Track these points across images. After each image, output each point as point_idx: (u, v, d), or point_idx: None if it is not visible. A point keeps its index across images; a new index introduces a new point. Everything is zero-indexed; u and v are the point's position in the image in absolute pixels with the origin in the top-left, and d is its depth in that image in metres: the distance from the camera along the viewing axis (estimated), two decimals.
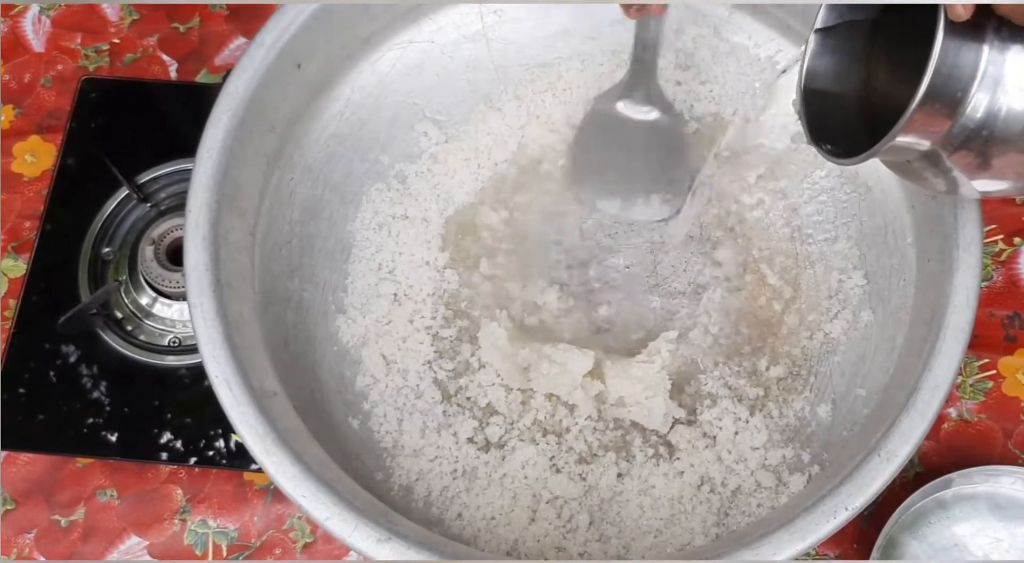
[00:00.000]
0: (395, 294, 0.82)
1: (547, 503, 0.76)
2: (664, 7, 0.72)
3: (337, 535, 0.61)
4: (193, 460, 0.84)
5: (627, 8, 0.71)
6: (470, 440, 0.78)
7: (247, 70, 0.72)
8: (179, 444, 0.85)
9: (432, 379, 0.80)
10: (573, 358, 0.77)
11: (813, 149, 0.69)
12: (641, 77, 0.81)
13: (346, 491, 0.63)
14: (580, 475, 0.77)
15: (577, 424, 0.79)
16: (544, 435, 0.78)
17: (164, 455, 0.84)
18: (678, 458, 0.77)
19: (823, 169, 0.83)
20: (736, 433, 0.78)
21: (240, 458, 0.84)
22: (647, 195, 0.84)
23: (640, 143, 0.83)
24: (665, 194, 0.84)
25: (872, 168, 0.79)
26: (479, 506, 0.76)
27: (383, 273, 0.83)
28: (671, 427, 0.78)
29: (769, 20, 0.83)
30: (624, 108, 0.83)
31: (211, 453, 0.84)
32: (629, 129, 0.83)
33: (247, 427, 0.63)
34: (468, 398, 0.80)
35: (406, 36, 0.83)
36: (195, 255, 0.67)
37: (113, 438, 0.85)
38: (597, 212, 0.85)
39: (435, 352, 0.81)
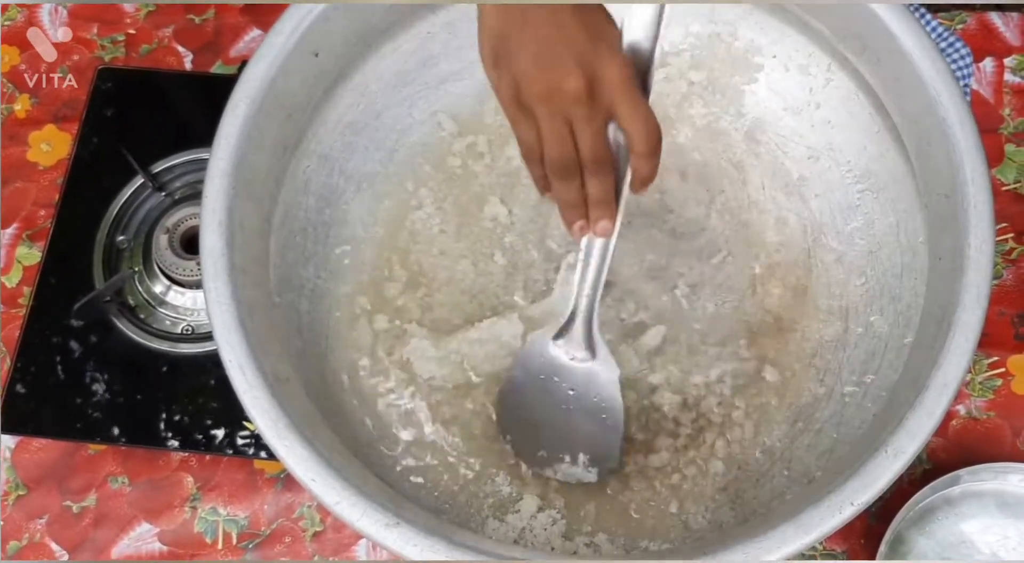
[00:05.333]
0: (409, 283, 0.83)
1: (555, 492, 0.76)
2: (612, 230, 0.63)
3: (345, 519, 0.61)
4: (204, 448, 0.85)
5: (570, 219, 0.63)
6: (481, 429, 0.79)
7: (265, 58, 0.72)
8: (191, 432, 0.85)
9: (444, 368, 0.81)
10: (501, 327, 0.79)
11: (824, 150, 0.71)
12: (580, 316, 0.72)
13: (356, 476, 0.63)
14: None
15: None
16: None
17: (175, 442, 0.85)
18: (688, 450, 0.78)
19: (836, 168, 0.83)
20: (744, 427, 0.78)
21: (251, 446, 0.84)
22: (573, 454, 0.76)
23: (571, 393, 0.75)
24: (592, 455, 0.76)
25: (886, 167, 0.79)
26: (487, 493, 0.76)
27: (396, 262, 0.84)
28: (677, 423, 0.79)
29: (787, 17, 0.83)
30: (556, 350, 0.75)
31: (222, 441, 0.85)
32: (561, 375, 0.75)
33: (259, 411, 0.63)
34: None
35: (424, 27, 0.83)
36: (211, 240, 0.67)
37: (125, 425, 0.86)
38: (518, 464, 0.78)
39: (447, 340, 0.82)
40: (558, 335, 0.74)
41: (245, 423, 0.85)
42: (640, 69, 0.59)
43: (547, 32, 0.55)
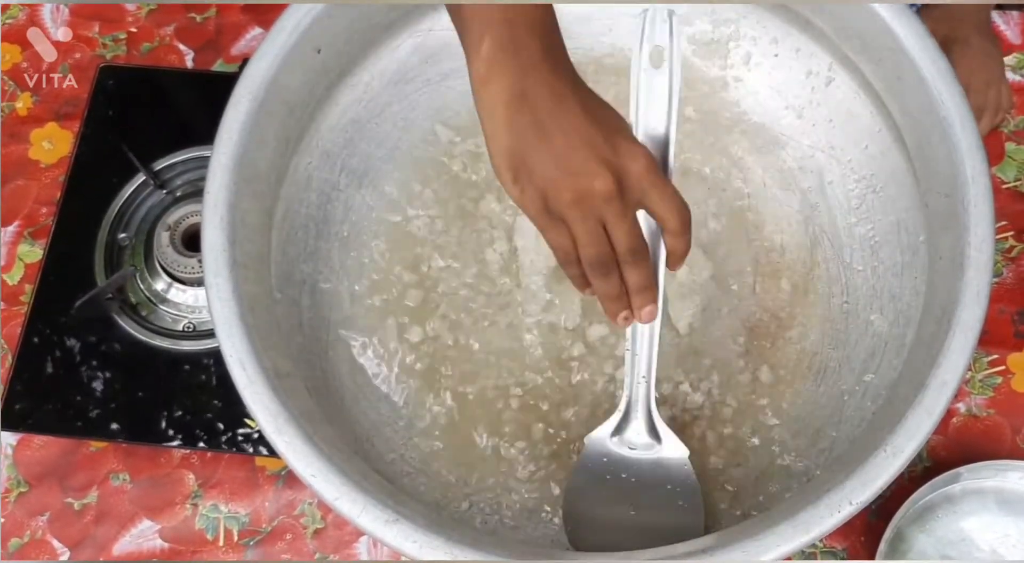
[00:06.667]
0: (409, 279, 0.83)
1: (555, 487, 0.76)
2: (657, 313, 0.62)
3: (345, 515, 0.61)
4: (205, 445, 0.85)
5: (613, 312, 0.62)
6: (482, 426, 0.79)
7: (267, 54, 0.72)
8: (192, 429, 0.85)
9: (444, 365, 0.81)
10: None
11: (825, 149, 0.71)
12: (639, 406, 0.72)
13: (356, 472, 0.63)
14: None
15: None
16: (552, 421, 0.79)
17: (176, 440, 0.85)
18: (691, 452, 0.78)
19: (837, 167, 0.83)
20: (744, 426, 0.78)
21: (253, 443, 0.85)
22: (656, 544, 0.67)
23: (641, 483, 0.73)
24: (676, 539, 0.68)
25: (887, 166, 0.79)
26: (491, 490, 0.76)
27: (397, 258, 0.84)
28: (678, 420, 0.79)
29: (789, 16, 0.83)
30: (618, 447, 0.73)
31: (224, 438, 0.85)
32: (628, 469, 0.73)
33: (260, 406, 0.63)
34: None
35: (426, 24, 0.83)
36: (213, 235, 0.67)
37: (127, 422, 0.86)
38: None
39: (451, 337, 0.82)
40: (616, 431, 0.73)
41: (246, 420, 0.85)
42: (659, 151, 0.60)
43: (563, 140, 0.55)
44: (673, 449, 0.72)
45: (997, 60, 0.95)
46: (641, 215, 0.59)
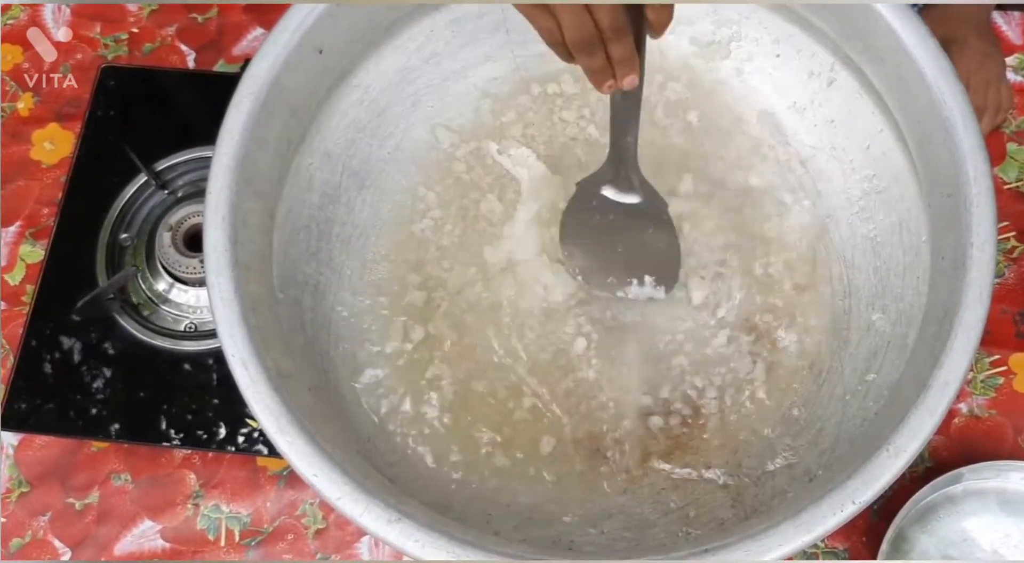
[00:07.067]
0: (411, 280, 0.83)
1: (558, 486, 0.76)
2: (637, 81, 0.65)
3: (347, 515, 0.61)
4: (207, 445, 0.85)
5: (598, 82, 0.65)
6: (485, 426, 0.79)
7: (269, 54, 0.72)
8: (193, 429, 0.85)
9: (447, 364, 0.81)
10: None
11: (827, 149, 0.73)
12: (621, 163, 0.76)
13: (358, 472, 0.63)
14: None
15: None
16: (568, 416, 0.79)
17: (178, 440, 0.85)
18: (693, 452, 0.78)
19: (839, 167, 0.83)
20: (745, 426, 0.78)
21: (254, 443, 0.85)
22: (639, 276, 0.82)
23: (626, 226, 0.80)
24: (656, 275, 0.81)
25: (889, 166, 0.79)
26: (492, 490, 0.76)
27: (400, 258, 0.84)
28: (680, 420, 0.79)
29: (791, 17, 0.83)
30: (608, 192, 0.79)
31: (225, 438, 0.85)
32: (615, 212, 0.79)
33: (262, 406, 0.63)
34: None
35: (427, 24, 0.83)
36: (214, 236, 0.67)
37: (128, 422, 0.86)
38: (593, 292, 0.84)
39: (453, 337, 0.82)
40: (606, 181, 0.78)
41: (248, 420, 0.85)
42: None
43: None
44: (653, 201, 0.79)
45: (996, 60, 0.95)
46: None
